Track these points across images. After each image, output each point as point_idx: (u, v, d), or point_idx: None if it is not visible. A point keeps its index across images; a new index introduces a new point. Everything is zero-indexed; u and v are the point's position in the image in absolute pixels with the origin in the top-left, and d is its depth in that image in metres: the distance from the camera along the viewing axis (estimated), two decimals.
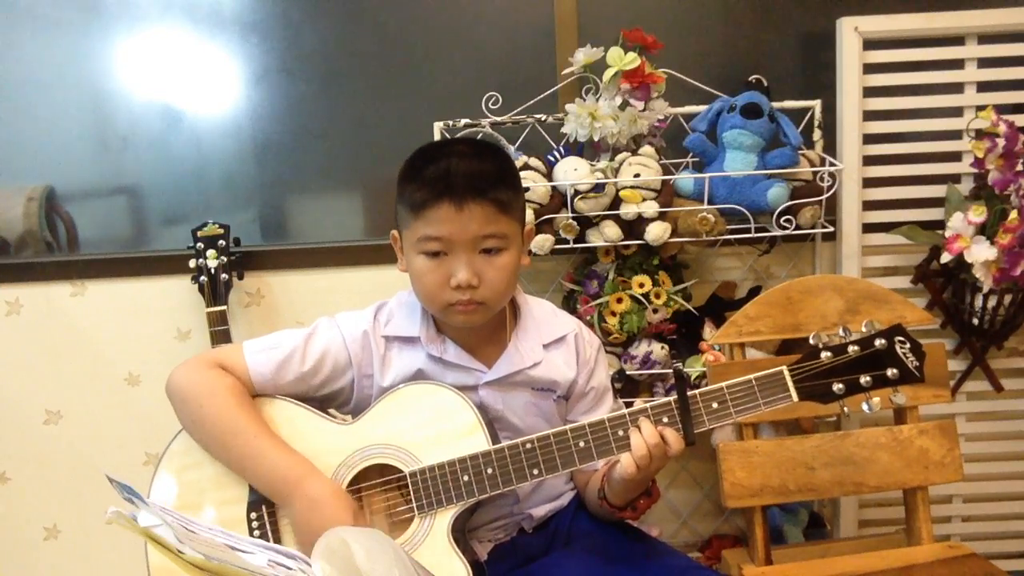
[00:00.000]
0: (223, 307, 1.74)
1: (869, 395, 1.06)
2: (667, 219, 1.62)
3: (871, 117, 1.77)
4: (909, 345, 1.07)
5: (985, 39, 1.74)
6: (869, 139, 1.77)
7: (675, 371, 1.08)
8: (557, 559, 1.19)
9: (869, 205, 1.79)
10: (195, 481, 1.15)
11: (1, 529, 1.98)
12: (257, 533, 1.12)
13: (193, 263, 1.77)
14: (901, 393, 1.07)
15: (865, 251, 1.80)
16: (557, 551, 1.22)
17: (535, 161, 1.65)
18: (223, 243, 1.77)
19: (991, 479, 1.87)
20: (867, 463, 1.41)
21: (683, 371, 1.09)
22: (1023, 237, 1.57)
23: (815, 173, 1.66)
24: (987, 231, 1.62)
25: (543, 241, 1.63)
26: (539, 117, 1.75)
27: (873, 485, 1.42)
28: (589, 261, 1.76)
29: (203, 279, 1.75)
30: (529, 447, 1.09)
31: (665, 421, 1.07)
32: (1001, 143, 1.59)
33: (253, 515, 1.13)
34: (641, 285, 1.67)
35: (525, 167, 1.63)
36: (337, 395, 1.21)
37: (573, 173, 1.61)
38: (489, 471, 1.09)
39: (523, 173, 1.59)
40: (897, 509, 1.56)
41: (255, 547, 0.75)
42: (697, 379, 1.65)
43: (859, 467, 1.41)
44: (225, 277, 1.76)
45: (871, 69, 1.75)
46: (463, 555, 1.08)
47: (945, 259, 1.66)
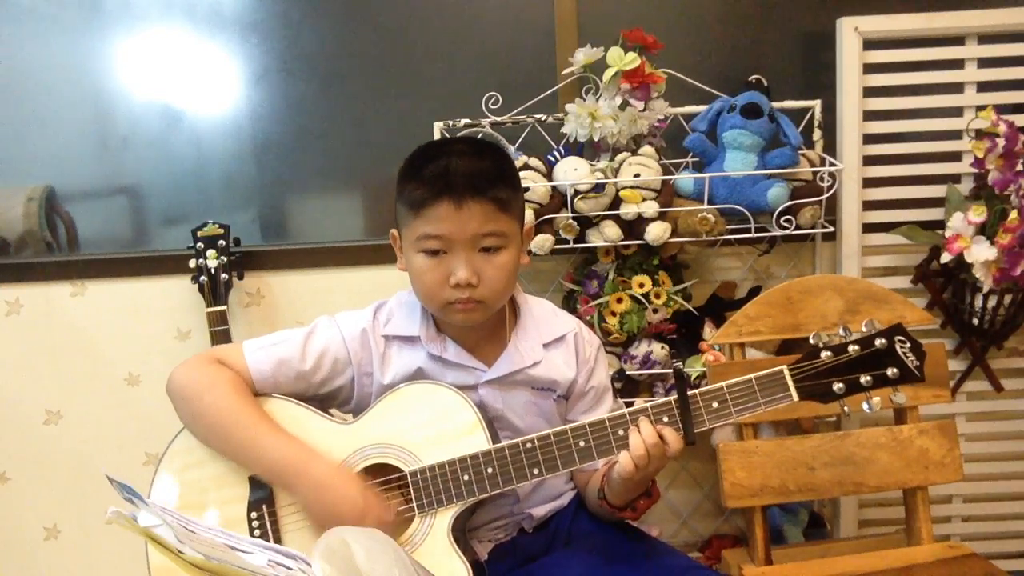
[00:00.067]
0: (223, 307, 1.74)
1: (869, 395, 1.06)
2: (667, 219, 1.62)
3: (871, 117, 1.77)
4: (909, 345, 1.07)
5: (985, 39, 1.74)
6: (869, 139, 1.77)
7: (675, 371, 1.08)
8: (557, 559, 1.19)
9: (869, 205, 1.79)
10: (196, 480, 1.15)
11: (1, 529, 1.98)
12: (257, 532, 1.12)
13: (193, 263, 1.77)
14: (901, 393, 1.07)
15: (865, 251, 1.80)
16: (557, 551, 1.22)
17: (535, 161, 1.65)
18: (223, 243, 1.77)
19: (991, 479, 1.87)
20: (867, 463, 1.41)
21: (683, 371, 1.09)
22: (1023, 237, 1.57)
23: (815, 173, 1.66)
24: (987, 231, 1.62)
25: (543, 241, 1.63)
26: (539, 117, 1.75)
27: (873, 485, 1.42)
28: (589, 261, 1.76)
29: (203, 279, 1.75)
30: (529, 447, 1.09)
31: (665, 421, 1.07)
32: (1001, 143, 1.59)
33: (253, 514, 1.13)
34: (641, 285, 1.67)
35: (525, 167, 1.63)
36: (337, 393, 1.21)
37: (573, 173, 1.61)
38: (489, 470, 1.09)
39: (523, 173, 1.59)
40: (897, 509, 1.56)
41: (255, 547, 0.75)
42: (697, 379, 1.65)
43: (859, 467, 1.41)
44: (225, 277, 1.76)
45: (871, 69, 1.75)
46: (463, 555, 1.08)
47: (945, 259, 1.66)
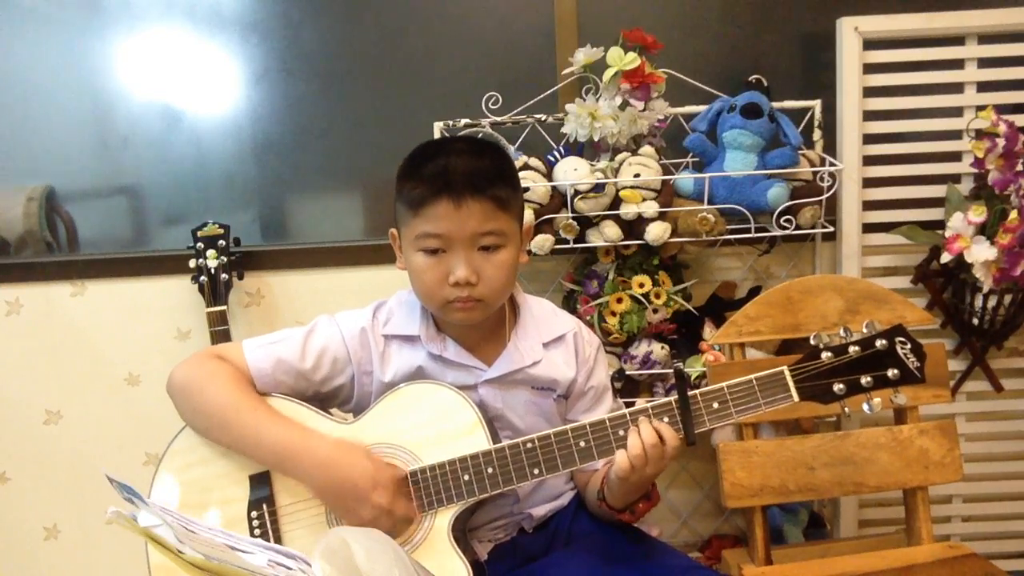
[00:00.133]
0: (223, 307, 1.74)
1: (870, 396, 1.06)
2: (667, 219, 1.62)
3: (871, 117, 1.77)
4: (910, 346, 1.07)
5: (985, 39, 1.74)
6: (869, 139, 1.77)
7: (675, 371, 1.08)
8: (557, 559, 1.19)
9: (869, 205, 1.79)
10: (196, 480, 1.15)
11: (1, 529, 1.98)
12: (258, 532, 1.12)
13: (193, 263, 1.77)
14: (902, 394, 1.07)
15: (865, 251, 1.80)
16: (557, 551, 1.22)
17: (535, 161, 1.65)
18: (223, 243, 1.77)
19: (991, 479, 1.87)
20: (867, 463, 1.41)
21: (683, 371, 1.09)
22: (1023, 237, 1.57)
23: (815, 173, 1.66)
24: (987, 231, 1.62)
25: (543, 241, 1.63)
26: (539, 117, 1.75)
27: (873, 485, 1.42)
28: (589, 261, 1.76)
29: (203, 279, 1.75)
30: (530, 446, 1.09)
31: (665, 421, 1.07)
32: (1001, 143, 1.59)
33: (254, 514, 1.13)
34: (641, 285, 1.67)
35: (525, 167, 1.63)
36: (337, 393, 1.21)
37: (573, 173, 1.61)
38: (489, 470, 1.09)
39: (523, 173, 1.59)
40: (897, 509, 1.56)
41: (255, 547, 0.75)
42: (697, 379, 1.64)
43: (859, 467, 1.41)
44: (225, 277, 1.76)
45: (871, 69, 1.75)
46: (463, 555, 1.08)
47: (945, 259, 1.66)
